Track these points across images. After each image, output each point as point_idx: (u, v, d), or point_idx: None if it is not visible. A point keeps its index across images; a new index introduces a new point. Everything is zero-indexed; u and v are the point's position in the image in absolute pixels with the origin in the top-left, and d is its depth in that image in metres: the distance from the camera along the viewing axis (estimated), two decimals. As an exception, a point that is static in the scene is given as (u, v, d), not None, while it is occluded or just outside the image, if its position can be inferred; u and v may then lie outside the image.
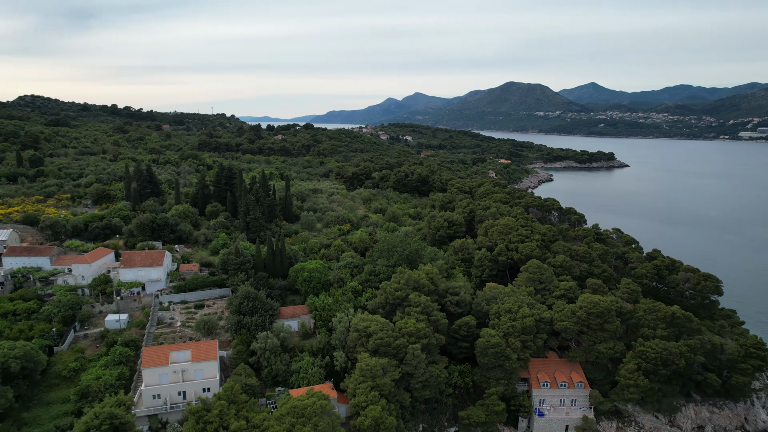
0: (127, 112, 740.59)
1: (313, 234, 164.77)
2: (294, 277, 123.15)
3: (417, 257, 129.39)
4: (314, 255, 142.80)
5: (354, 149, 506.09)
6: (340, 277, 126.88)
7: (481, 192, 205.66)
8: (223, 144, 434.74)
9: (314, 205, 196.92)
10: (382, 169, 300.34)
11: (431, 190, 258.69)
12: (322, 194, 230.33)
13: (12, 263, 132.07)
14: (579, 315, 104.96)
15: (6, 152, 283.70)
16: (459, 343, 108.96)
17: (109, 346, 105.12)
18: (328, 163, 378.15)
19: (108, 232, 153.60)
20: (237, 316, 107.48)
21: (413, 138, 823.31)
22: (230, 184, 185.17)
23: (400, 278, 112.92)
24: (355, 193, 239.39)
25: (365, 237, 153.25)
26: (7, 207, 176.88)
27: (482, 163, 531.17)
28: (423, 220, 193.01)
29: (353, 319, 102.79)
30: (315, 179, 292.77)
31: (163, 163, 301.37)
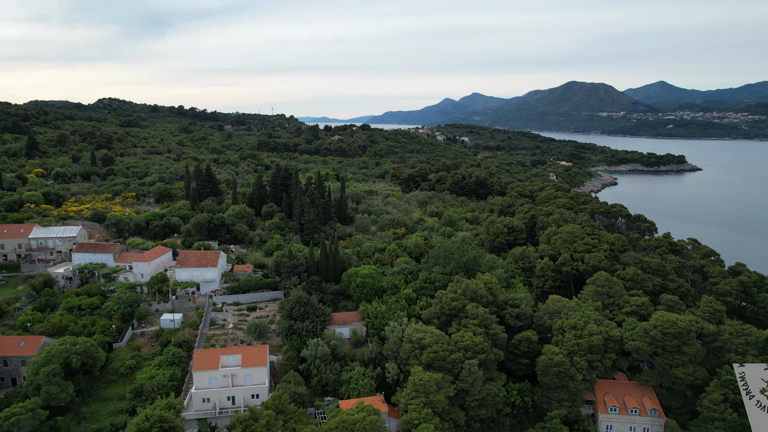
0: (192, 112, 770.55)
1: (367, 237, 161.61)
2: (347, 282, 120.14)
3: (475, 265, 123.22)
4: (368, 259, 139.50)
5: (410, 150, 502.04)
6: (394, 284, 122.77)
7: (543, 197, 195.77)
8: (281, 144, 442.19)
9: (369, 207, 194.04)
10: (439, 171, 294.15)
11: (489, 193, 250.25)
12: (377, 196, 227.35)
13: (80, 259, 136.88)
14: (653, 335, 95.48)
15: (83, 152, 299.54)
16: (518, 360, 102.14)
17: (163, 345, 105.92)
18: (384, 164, 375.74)
19: (167, 230, 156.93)
20: (288, 321, 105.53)
21: (470, 139, 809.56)
22: (286, 185, 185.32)
23: (456, 287, 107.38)
24: (410, 195, 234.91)
25: (420, 242, 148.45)
26: (80, 204, 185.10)
27: (542, 166, 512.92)
28: (481, 225, 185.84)
29: (407, 330, 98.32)
30: (370, 180, 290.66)
31: (223, 162, 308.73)
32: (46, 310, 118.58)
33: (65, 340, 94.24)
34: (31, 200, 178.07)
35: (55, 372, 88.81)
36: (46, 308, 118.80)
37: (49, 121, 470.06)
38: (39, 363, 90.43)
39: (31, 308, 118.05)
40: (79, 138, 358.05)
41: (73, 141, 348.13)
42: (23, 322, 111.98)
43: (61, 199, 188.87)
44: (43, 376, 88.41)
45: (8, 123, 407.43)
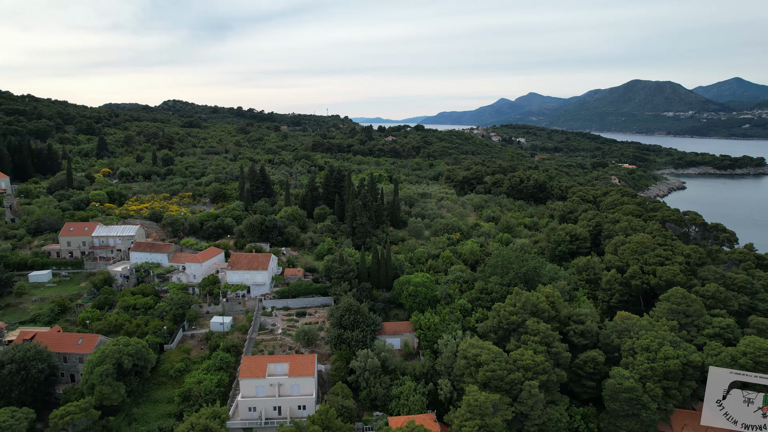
0: (250, 113, 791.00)
1: (420, 242, 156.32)
2: (398, 290, 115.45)
3: (535, 276, 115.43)
4: (420, 266, 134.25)
5: (464, 151, 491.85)
6: (448, 293, 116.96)
7: (608, 202, 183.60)
8: (335, 145, 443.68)
9: (422, 210, 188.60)
10: (495, 173, 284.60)
11: (549, 197, 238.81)
12: (431, 199, 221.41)
13: (137, 258, 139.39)
14: (742, 362, 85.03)
15: (146, 152, 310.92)
16: (583, 381, 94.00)
17: (212, 349, 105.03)
18: (438, 165, 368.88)
19: (221, 231, 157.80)
20: (338, 329, 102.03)
21: (526, 140, 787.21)
22: (339, 187, 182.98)
23: (516, 300, 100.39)
24: (465, 198, 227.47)
25: (476, 249, 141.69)
26: (139, 204, 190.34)
27: (603, 168, 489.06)
28: (540, 231, 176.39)
29: (461, 344, 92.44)
30: (424, 182, 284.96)
31: (278, 163, 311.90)
32: (105, 307, 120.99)
33: (118, 340, 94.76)
34: (96, 199, 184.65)
35: (107, 372, 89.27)
36: (105, 306, 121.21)
37: (119, 123, 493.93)
38: (94, 362, 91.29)
39: (91, 305, 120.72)
40: (144, 138, 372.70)
41: (138, 141, 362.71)
42: (83, 319, 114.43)
43: (123, 198, 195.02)
44: (96, 376, 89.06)
45: (83, 125, 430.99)
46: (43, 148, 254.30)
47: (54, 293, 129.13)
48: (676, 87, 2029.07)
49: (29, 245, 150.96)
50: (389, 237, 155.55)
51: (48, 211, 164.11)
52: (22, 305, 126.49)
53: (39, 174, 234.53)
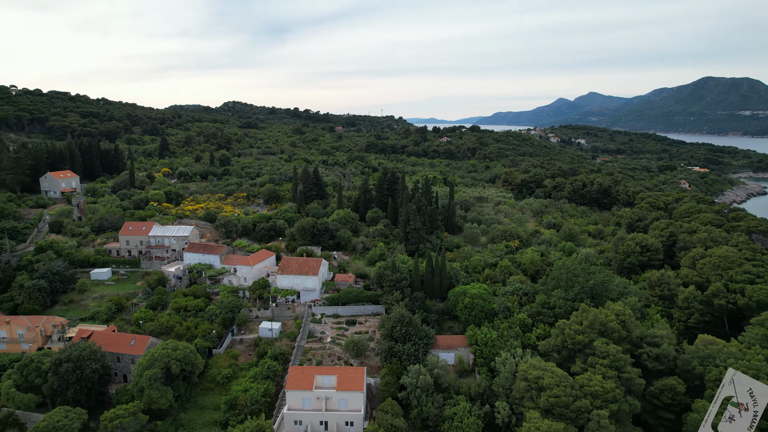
0: (306, 114, 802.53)
1: (476, 249, 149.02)
2: (453, 302, 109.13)
3: (603, 290, 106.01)
4: (477, 275, 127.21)
5: (522, 153, 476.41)
6: (507, 306, 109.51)
7: (683, 210, 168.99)
8: (389, 146, 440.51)
9: (479, 215, 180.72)
10: (555, 177, 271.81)
11: (614, 203, 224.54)
12: (488, 203, 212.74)
13: (190, 259, 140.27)
14: None
15: (205, 152, 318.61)
16: (659, 413, 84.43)
17: (259, 356, 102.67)
18: (494, 167, 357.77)
19: (273, 233, 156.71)
20: (388, 341, 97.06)
21: (587, 141, 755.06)
22: (392, 190, 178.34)
23: (582, 318, 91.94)
24: (524, 203, 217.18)
25: (537, 258, 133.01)
26: (195, 204, 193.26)
27: (671, 172, 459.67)
28: (606, 240, 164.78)
29: (521, 364, 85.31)
30: (480, 185, 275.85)
31: (331, 164, 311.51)
32: (158, 308, 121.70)
33: (167, 344, 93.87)
34: (155, 198, 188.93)
35: (156, 377, 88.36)
36: (158, 306, 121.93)
37: (181, 124, 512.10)
38: (143, 365, 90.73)
39: (145, 305, 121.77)
40: (203, 139, 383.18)
41: (198, 142, 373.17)
42: (137, 319, 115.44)
43: (180, 198, 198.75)
44: (145, 380, 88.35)
45: (149, 126, 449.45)
46: (110, 149, 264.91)
47: (112, 291, 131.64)
48: (754, 84, 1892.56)
49: (92, 243, 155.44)
50: (444, 243, 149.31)
51: (110, 210, 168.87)
52: (83, 302, 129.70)
53: (106, 173, 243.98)
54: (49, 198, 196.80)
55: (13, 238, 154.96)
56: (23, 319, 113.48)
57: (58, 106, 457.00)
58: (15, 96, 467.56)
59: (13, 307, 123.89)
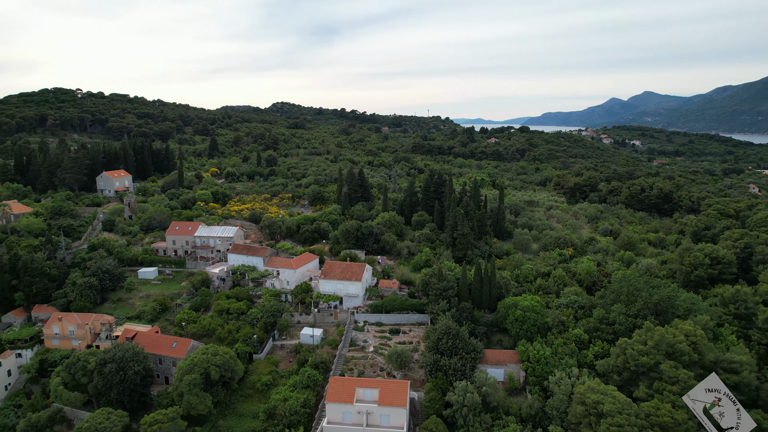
0: (352, 114, 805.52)
1: (528, 257, 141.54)
2: (503, 314, 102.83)
3: (669, 307, 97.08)
4: (528, 285, 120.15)
5: (573, 155, 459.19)
6: (561, 320, 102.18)
7: (759, 218, 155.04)
8: (435, 147, 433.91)
9: (529, 220, 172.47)
10: (611, 180, 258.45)
11: (676, 209, 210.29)
12: (539, 208, 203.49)
13: (234, 260, 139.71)
14: None
15: (252, 152, 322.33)
16: (738, 448, 75.54)
17: (300, 363, 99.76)
18: (545, 169, 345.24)
19: (316, 235, 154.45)
20: (434, 354, 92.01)
21: (642, 143, 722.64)
22: (439, 192, 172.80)
23: (646, 337, 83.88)
24: (577, 208, 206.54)
25: (593, 268, 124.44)
26: (241, 204, 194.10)
27: (738, 175, 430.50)
28: (668, 249, 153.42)
29: (578, 386, 78.40)
30: (530, 188, 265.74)
31: (377, 165, 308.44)
32: (201, 309, 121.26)
33: (207, 349, 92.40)
34: (202, 198, 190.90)
35: (195, 382, 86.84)
36: (201, 308, 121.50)
37: (231, 124, 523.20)
38: (183, 369, 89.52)
39: (188, 306, 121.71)
40: (251, 139, 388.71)
41: (246, 142, 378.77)
42: (180, 320, 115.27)
43: (226, 198, 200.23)
44: (185, 385, 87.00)
45: (199, 126, 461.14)
46: (161, 149, 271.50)
47: (158, 291, 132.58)
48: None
49: (141, 242, 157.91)
50: (493, 250, 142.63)
51: (158, 210, 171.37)
52: (130, 300, 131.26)
53: (157, 173, 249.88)
54: (103, 197, 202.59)
55: (69, 235, 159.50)
56: (74, 316, 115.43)
57: (117, 107, 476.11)
58: (80, 99, 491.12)
59: (66, 304, 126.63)
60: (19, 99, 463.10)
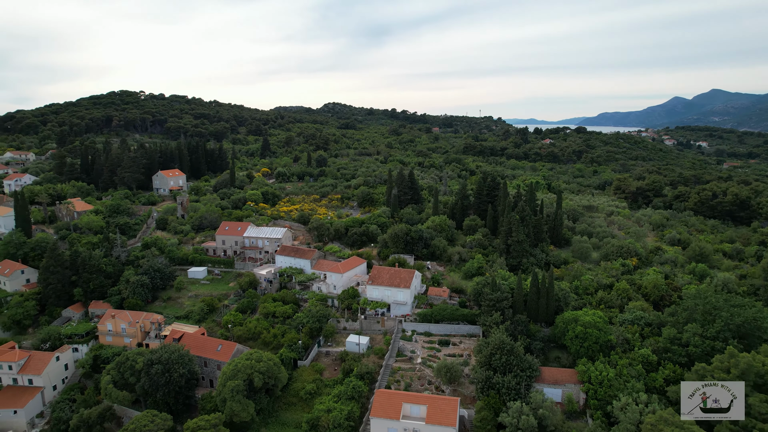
0: (403, 115, 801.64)
1: (587, 266, 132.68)
2: (562, 329, 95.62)
3: (755, 330, 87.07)
4: (588, 297, 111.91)
5: (633, 157, 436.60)
6: (625, 338, 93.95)
7: None
8: (487, 148, 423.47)
9: (589, 227, 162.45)
10: (676, 185, 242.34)
11: (754, 217, 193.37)
12: (598, 213, 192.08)
13: (281, 262, 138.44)
14: None
15: (303, 152, 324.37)
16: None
17: (345, 372, 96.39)
18: (603, 172, 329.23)
19: (365, 238, 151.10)
20: (486, 371, 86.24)
21: (709, 144, 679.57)
22: (492, 196, 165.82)
23: (729, 364, 75.08)
24: (640, 214, 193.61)
25: (660, 281, 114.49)
26: (291, 205, 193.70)
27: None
28: (747, 262, 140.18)
29: (648, 416, 70.82)
30: (587, 192, 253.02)
31: (427, 166, 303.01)
32: (247, 311, 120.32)
33: (251, 355, 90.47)
34: (252, 198, 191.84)
35: (238, 389, 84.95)
36: (247, 310, 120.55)
37: (283, 125, 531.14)
38: (227, 375, 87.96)
39: (235, 308, 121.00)
40: (303, 139, 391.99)
41: (297, 142, 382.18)
42: (227, 322, 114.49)
43: (276, 198, 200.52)
44: (228, 390, 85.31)
45: (253, 126, 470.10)
46: (215, 149, 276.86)
47: (206, 291, 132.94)
48: None
49: (192, 241, 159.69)
50: (550, 258, 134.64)
51: (210, 209, 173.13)
52: (179, 300, 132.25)
53: (210, 172, 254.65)
54: (158, 195, 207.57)
55: (125, 233, 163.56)
56: (126, 314, 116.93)
57: (176, 108, 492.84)
58: (142, 101, 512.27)
59: (120, 301, 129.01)
60: (89, 101, 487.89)
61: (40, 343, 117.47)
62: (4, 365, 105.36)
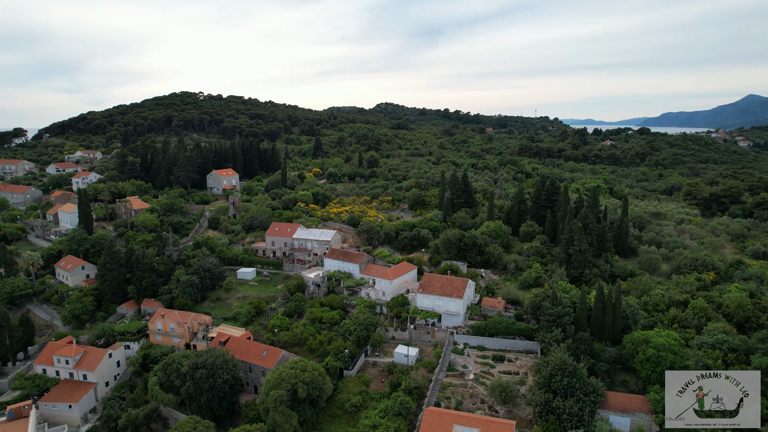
0: (456, 115, 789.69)
1: (656, 280, 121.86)
2: (631, 350, 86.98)
3: None
4: (659, 315, 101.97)
5: (703, 160, 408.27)
6: (705, 363, 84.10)
7: None
8: (544, 149, 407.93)
9: (657, 236, 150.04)
10: (757, 190, 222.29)
11: None
12: (667, 221, 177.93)
13: (330, 265, 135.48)
14: None
15: (355, 153, 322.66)
16: None
17: (392, 385, 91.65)
18: (669, 176, 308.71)
19: (416, 243, 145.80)
20: (545, 393, 79.14)
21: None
22: (551, 201, 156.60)
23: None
24: (715, 222, 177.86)
25: (746, 300, 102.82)
26: (341, 206, 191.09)
27: None
28: None
29: (736, 457, 61.95)
30: (653, 197, 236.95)
31: (481, 168, 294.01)
32: (294, 315, 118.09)
33: (296, 363, 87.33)
34: (303, 199, 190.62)
35: (281, 399, 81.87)
36: (294, 314, 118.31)
37: (336, 125, 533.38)
38: (271, 383, 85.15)
39: (282, 312, 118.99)
40: (354, 140, 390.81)
41: (349, 142, 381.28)
42: (273, 326, 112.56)
43: (326, 199, 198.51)
44: (271, 400, 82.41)
45: (306, 127, 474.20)
46: (268, 148, 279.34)
47: (254, 293, 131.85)
48: None
49: (242, 241, 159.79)
50: (615, 270, 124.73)
51: (260, 209, 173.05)
52: (228, 300, 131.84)
53: (263, 172, 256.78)
54: (212, 195, 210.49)
55: (178, 232, 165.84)
56: (175, 313, 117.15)
57: (232, 108, 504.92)
58: (201, 101, 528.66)
59: (170, 300, 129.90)
60: (152, 102, 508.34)
61: (96, 339, 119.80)
62: (62, 359, 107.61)
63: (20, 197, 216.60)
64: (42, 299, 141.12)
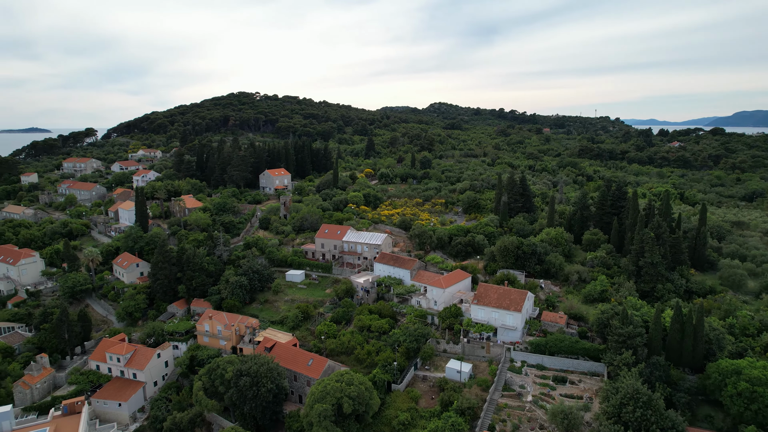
0: (511, 115, 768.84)
1: (742, 299, 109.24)
2: (716, 381, 76.80)
3: None
4: (749, 341, 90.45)
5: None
6: (807, 401, 72.87)
7: None
8: (605, 151, 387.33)
9: (741, 248, 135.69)
10: None
11: None
12: (752, 231, 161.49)
13: (380, 270, 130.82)
14: None
15: (407, 153, 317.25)
16: None
17: (443, 404, 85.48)
18: (749, 180, 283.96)
19: (470, 249, 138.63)
20: (614, 424, 70.68)
21: None
22: (617, 207, 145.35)
23: None
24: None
25: None
26: (392, 208, 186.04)
27: None
28: None
29: None
30: (731, 204, 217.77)
31: (539, 170, 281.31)
32: (342, 322, 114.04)
33: (342, 376, 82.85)
34: (354, 201, 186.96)
35: (326, 414, 77.54)
36: (342, 320, 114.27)
37: (388, 125, 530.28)
38: (315, 396, 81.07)
39: (329, 317, 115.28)
40: (407, 140, 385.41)
41: (402, 143, 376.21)
42: (320, 332, 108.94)
43: (378, 201, 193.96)
44: (315, 414, 78.23)
45: (359, 126, 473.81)
46: (320, 148, 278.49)
47: (302, 296, 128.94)
48: None
49: (292, 242, 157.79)
50: (691, 285, 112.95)
51: (311, 210, 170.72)
52: (276, 303, 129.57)
53: (315, 172, 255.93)
54: (264, 194, 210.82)
55: (229, 231, 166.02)
56: (223, 315, 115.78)
57: (287, 108, 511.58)
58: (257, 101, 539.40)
59: (219, 301, 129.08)
60: (211, 102, 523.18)
61: (146, 337, 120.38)
62: (114, 357, 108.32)
63: (87, 194, 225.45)
64: (100, 294, 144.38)
